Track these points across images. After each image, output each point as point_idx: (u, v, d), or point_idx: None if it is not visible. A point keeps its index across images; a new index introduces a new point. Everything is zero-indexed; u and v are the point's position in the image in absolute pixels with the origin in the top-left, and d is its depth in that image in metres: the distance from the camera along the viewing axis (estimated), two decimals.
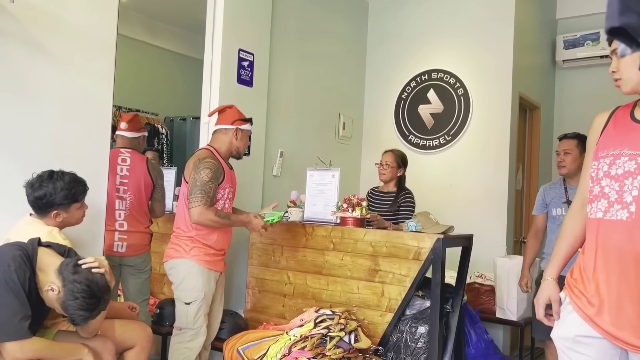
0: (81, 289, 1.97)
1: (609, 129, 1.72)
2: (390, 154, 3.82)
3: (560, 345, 1.73)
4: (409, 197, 3.70)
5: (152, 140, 5.70)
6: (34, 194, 2.29)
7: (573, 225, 1.81)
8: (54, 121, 2.64)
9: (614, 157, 1.64)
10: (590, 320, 1.63)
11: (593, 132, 1.79)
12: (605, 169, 1.65)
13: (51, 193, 2.29)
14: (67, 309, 1.99)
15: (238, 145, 2.93)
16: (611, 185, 1.63)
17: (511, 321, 3.94)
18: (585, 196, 1.76)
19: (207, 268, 2.82)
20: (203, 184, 2.71)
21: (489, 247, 4.11)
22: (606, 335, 1.60)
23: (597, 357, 1.63)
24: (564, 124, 5.30)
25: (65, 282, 1.98)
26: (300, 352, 2.70)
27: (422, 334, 2.80)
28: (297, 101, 4.41)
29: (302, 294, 3.22)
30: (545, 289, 1.80)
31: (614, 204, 1.61)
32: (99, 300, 2.03)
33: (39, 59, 2.57)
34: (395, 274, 2.90)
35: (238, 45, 3.71)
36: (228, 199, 2.91)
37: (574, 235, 1.81)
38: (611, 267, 1.60)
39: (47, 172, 2.34)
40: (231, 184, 2.93)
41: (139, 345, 2.49)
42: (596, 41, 5.01)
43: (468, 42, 4.65)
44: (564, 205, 3.22)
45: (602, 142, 1.71)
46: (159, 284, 3.90)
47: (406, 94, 4.97)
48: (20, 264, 1.95)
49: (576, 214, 1.81)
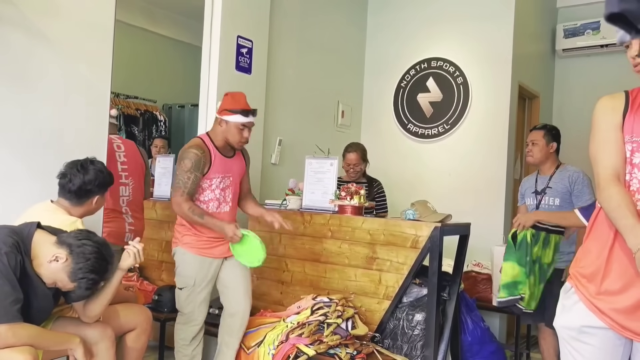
0: (92, 250, 2.01)
1: (631, 112, 1.61)
2: (354, 154, 3.86)
3: (565, 335, 1.69)
4: (382, 187, 3.97)
5: (151, 128, 5.69)
6: (84, 178, 2.35)
7: (621, 192, 1.57)
8: (53, 107, 2.64)
9: (637, 144, 1.58)
10: (598, 310, 1.59)
11: (609, 113, 1.65)
12: (628, 156, 1.60)
13: (93, 180, 2.37)
14: (76, 275, 1.99)
15: (226, 136, 2.80)
16: (633, 174, 1.58)
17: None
18: (619, 168, 1.60)
19: (200, 255, 2.81)
20: (181, 174, 2.70)
21: (486, 235, 4.11)
22: (613, 325, 1.58)
23: (602, 347, 1.62)
24: (563, 114, 5.29)
25: (72, 248, 1.99)
26: (298, 338, 2.73)
27: (418, 322, 2.82)
28: (296, 89, 4.40)
29: (300, 281, 3.24)
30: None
31: (635, 193, 1.56)
32: (107, 265, 2.06)
33: (37, 44, 2.56)
34: (393, 262, 2.91)
35: (237, 32, 3.69)
36: (219, 189, 2.83)
37: (631, 202, 1.56)
38: (630, 258, 1.54)
39: (80, 161, 2.40)
40: (226, 174, 2.85)
41: (139, 328, 2.52)
42: (596, 30, 4.99)
43: (468, 31, 4.63)
44: (532, 195, 3.32)
45: (626, 126, 1.61)
46: (157, 270, 3.91)
47: (405, 82, 4.95)
48: (11, 248, 1.93)
49: (616, 183, 1.59)
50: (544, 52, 5.27)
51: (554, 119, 5.22)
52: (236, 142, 2.82)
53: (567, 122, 4.84)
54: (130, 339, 2.50)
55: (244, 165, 3.00)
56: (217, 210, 2.84)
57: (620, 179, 1.60)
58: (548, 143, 3.28)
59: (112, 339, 2.27)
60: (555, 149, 3.31)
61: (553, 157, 3.32)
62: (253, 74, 3.83)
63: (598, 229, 1.66)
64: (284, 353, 2.71)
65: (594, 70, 5.11)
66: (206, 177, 2.78)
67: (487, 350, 3.29)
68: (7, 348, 1.89)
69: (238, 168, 2.95)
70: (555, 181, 3.22)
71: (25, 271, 2.00)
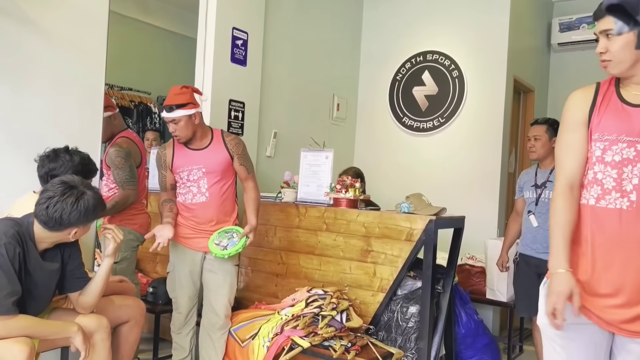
0: (55, 184, 2.01)
1: (599, 109, 1.63)
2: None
3: (549, 333, 1.67)
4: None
5: (145, 120, 5.66)
6: (48, 164, 2.31)
7: (569, 208, 1.63)
8: (46, 97, 2.63)
9: (609, 142, 1.58)
10: (584, 307, 1.59)
11: (577, 110, 1.66)
12: (599, 154, 1.60)
13: (67, 165, 2.32)
14: (70, 220, 1.97)
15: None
16: (606, 172, 1.58)
17: (501, 302, 3.99)
18: (575, 177, 1.65)
19: (179, 243, 2.90)
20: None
21: (480, 229, 4.14)
22: (599, 321, 1.59)
23: (587, 343, 1.63)
24: (558, 108, 5.24)
25: (40, 200, 1.99)
26: (292, 330, 2.73)
27: (413, 314, 2.83)
28: (292, 81, 4.38)
29: (295, 273, 3.25)
30: (564, 282, 1.56)
31: (611, 191, 1.56)
32: (79, 192, 2.01)
33: (30, 34, 2.54)
34: (388, 255, 2.92)
35: (232, 23, 3.66)
36: (190, 181, 2.85)
37: (572, 221, 1.63)
38: (613, 256, 1.56)
39: (62, 147, 2.38)
40: (193, 165, 2.83)
41: (132, 320, 2.52)
42: (592, 24, 4.99)
43: (464, 24, 4.62)
44: (532, 189, 3.32)
45: (593, 124, 1.63)
46: (152, 263, 3.91)
47: (401, 76, 4.95)
48: (11, 240, 1.93)
49: (566, 196, 1.64)
50: (539, 46, 5.28)
51: (548, 113, 5.23)
52: (176, 136, 2.82)
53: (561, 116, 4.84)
54: (123, 331, 2.51)
55: (224, 154, 2.87)
56: (191, 201, 2.87)
57: (573, 188, 1.64)
58: (550, 138, 3.27)
59: (108, 329, 2.27)
60: None
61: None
62: (248, 66, 3.81)
63: (578, 227, 1.65)
64: (279, 345, 2.72)
65: (589, 65, 5.10)
66: (173, 172, 2.89)
67: (481, 343, 3.31)
68: (1, 340, 1.89)
69: (212, 159, 2.85)
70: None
71: (26, 262, 2.00)
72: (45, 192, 2.00)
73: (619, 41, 1.57)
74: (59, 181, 2.03)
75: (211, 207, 2.86)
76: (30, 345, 1.92)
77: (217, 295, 2.89)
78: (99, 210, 2.11)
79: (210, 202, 2.86)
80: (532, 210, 3.28)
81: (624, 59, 1.58)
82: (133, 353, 2.62)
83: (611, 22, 1.56)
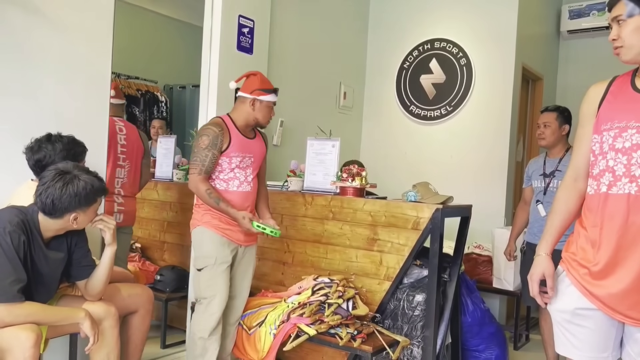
0: (50, 170, 2.02)
1: (609, 100, 1.66)
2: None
3: (558, 318, 1.71)
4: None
5: (152, 109, 5.66)
6: (33, 157, 2.28)
7: (567, 200, 1.75)
8: (53, 86, 2.63)
9: (619, 129, 1.59)
10: (589, 293, 1.61)
11: (588, 104, 1.72)
12: (611, 142, 1.60)
13: (50, 154, 2.27)
14: (62, 204, 1.99)
15: (256, 115, 2.80)
16: (617, 159, 1.58)
17: (507, 291, 3.99)
18: (580, 170, 1.72)
19: (220, 234, 2.74)
20: (198, 151, 2.68)
21: (487, 217, 4.13)
22: (603, 308, 1.60)
23: (596, 329, 1.64)
24: (567, 96, 5.25)
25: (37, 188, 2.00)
26: (299, 318, 2.75)
27: (419, 302, 2.84)
28: (298, 70, 4.36)
29: (301, 262, 3.25)
30: (539, 265, 1.74)
31: (621, 177, 1.57)
32: (72, 176, 2.02)
33: (37, 23, 2.54)
34: (394, 243, 2.92)
35: (238, 11, 3.64)
36: (239, 168, 2.79)
37: (568, 211, 1.75)
38: (619, 242, 1.56)
39: (45, 136, 2.34)
40: (247, 153, 2.81)
41: (142, 309, 2.53)
42: (602, 11, 4.93)
43: (472, 11, 4.58)
44: (540, 178, 3.30)
45: (603, 114, 1.65)
46: (159, 251, 3.93)
47: (408, 64, 4.91)
48: (15, 228, 1.94)
49: (569, 188, 1.75)
50: (548, 33, 5.22)
51: (557, 101, 5.18)
52: (266, 121, 2.86)
53: (570, 104, 4.74)
54: (135, 322, 2.52)
55: (264, 148, 2.96)
56: (237, 189, 2.78)
57: (578, 180, 1.74)
58: (560, 125, 3.26)
59: (116, 317, 2.28)
60: (567, 131, 3.28)
61: (564, 140, 3.29)
62: (254, 54, 3.80)
63: (586, 214, 1.69)
64: (285, 332, 2.74)
65: (598, 52, 5.06)
66: (225, 155, 2.74)
67: (487, 332, 3.31)
68: (8, 327, 1.91)
69: (259, 149, 2.90)
70: (565, 164, 3.16)
71: (31, 250, 2.01)
72: (41, 180, 2.03)
73: (629, 25, 1.57)
74: (53, 168, 2.06)
75: (252, 197, 2.87)
76: (37, 332, 1.93)
77: (243, 289, 2.93)
78: (96, 195, 2.09)
79: (253, 191, 2.86)
80: (540, 200, 3.26)
81: (635, 43, 1.57)
82: (144, 342, 2.63)
83: (623, 8, 1.57)
